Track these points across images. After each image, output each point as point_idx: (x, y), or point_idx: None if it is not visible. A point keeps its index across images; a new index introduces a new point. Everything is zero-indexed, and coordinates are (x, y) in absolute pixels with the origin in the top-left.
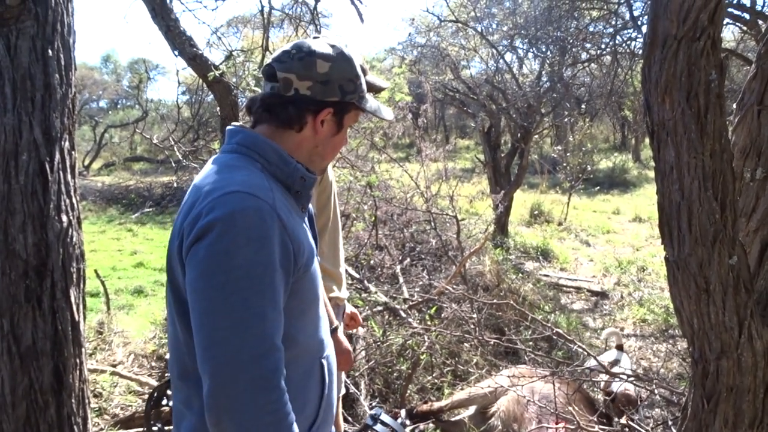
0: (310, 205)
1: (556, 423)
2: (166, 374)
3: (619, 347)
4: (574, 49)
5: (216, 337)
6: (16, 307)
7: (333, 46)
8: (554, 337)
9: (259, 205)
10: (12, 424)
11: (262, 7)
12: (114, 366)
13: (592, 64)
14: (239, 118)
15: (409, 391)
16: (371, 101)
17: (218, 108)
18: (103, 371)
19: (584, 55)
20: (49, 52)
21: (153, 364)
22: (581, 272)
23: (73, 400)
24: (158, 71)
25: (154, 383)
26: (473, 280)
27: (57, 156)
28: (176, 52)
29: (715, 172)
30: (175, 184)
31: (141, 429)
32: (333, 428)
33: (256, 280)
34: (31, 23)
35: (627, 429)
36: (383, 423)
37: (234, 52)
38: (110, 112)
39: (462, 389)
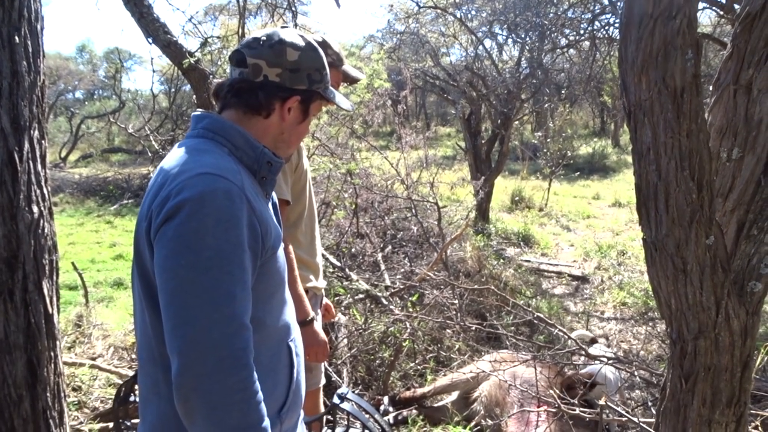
0: (273, 193)
1: (538, 406)
2: None
3: (593, 341)
4: (553, 35)
5: (185, 317)
6: None
7: (302, 36)
8: (535, 321)
9: (228, 187)
10: None
11: None
12: (94, 359)
13: (571, 50)
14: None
15: (391, 378)
16: (335, 92)
17: (194, 96)
18: (82, 364)
19: (563, 41)
20: (16, 38)
21: (133, 356)
22: (562, 257)
23: (48, 394)
24: (134, 61)
25: None
26: (455, 267)
27: (26, 145)
28: (150, 39)
29: (691, 152)
30: (153, 175)
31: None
32: (302, 413)
33: (225, 261)
34: None
35: (607, 411)
36: (349, 400)
37: (209, 39)
38: (86, 103)
39: (444, 375)
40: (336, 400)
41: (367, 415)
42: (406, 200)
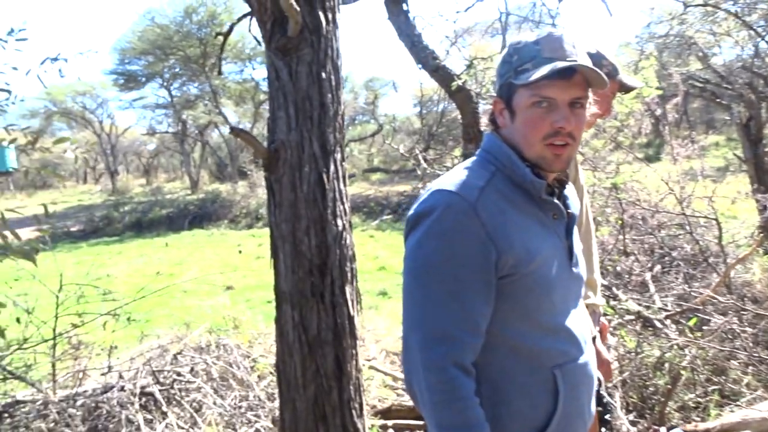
0: (576, 212)
1: None
2: None
3: None
4: None
5: (404, 318)
6: (303, 301)
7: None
8: None
9: (453, 202)
10: (303, 403)
11: (501, 12)
12: (368, 360)
13: None
14: (479, 125)
15: (668, 408)
16: (536, 71)
17: (459, 117)
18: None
19: None
20: (323, 74)
21: None
22: None
23: (351, 387)
24: (390, 87)
25: None
26: (739, 291)
27: (332, 167)
28: (420, 66)
29: None
30: (410, 192)
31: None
32: None
33: (436, 274)
34: (308, 50)
35: None
36: None
37: (474, 61)
38: (349, 128)
39: (732, 411)
40: None
41: None
42: (678, 215)
